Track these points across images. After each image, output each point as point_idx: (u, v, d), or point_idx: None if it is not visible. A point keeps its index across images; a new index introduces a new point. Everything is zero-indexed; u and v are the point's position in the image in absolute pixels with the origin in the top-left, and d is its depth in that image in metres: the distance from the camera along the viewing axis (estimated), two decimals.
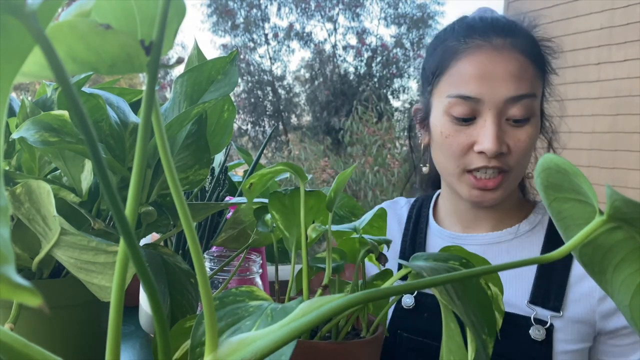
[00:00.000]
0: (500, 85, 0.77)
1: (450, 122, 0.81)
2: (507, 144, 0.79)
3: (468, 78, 0.79)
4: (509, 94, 0.77)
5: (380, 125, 6.02)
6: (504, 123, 0.79)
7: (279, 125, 8.47)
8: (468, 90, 0.79)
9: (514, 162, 0.79)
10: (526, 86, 0.78)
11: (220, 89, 0.51)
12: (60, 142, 0.47)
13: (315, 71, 8.68)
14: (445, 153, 0.83)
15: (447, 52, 0.83)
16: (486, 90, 0.78)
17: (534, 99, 0.79)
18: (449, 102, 0.80)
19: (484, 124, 0.78)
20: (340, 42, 8.79)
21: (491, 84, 0.78)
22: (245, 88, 8.67)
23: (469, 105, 0.79)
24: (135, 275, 0.26)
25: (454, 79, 0.81)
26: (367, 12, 8.76)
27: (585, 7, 3.87)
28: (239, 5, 8.66)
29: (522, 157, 0.80)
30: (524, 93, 0.77)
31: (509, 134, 0.79)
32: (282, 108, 8.88)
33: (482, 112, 0.79)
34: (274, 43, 8.82)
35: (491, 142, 0.77)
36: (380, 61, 8.61)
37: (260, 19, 8.73)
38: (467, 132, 0.80)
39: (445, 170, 0.85)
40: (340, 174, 0.47)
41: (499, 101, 0.77)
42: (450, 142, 0.81)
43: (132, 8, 0.24)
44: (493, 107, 0.78)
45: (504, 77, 0.78)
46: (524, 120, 0.79)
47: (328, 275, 0.47)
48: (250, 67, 8.69)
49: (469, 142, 0.80)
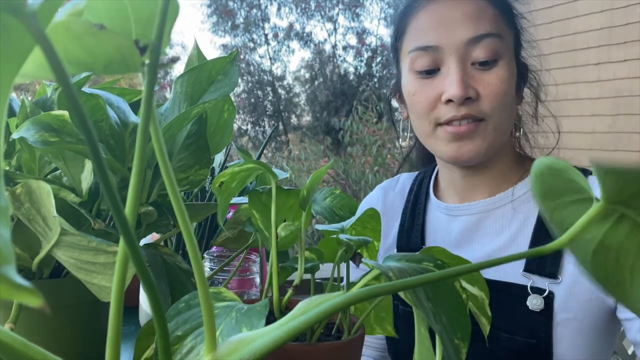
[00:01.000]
0: (458, 28, 0.75)
1: (416, 78, 0.79)
2: (476, 90, 0.75)
3: (425, 28, 0.78)
4: (468, 36, 0.75)
5: (380, 125, 6.01)
6: (469, 68, 0.76)
7: (279, 125, 8.47)
8: (426, 40, 0.77)
9: (487, 109, 0.76)
10: (486, 26, 0.75)
11: (220, 89, 0.51)
12: (61, 142, 0.47)
13: (315, 71, 8.68)
14: (416, 112, 0.81)
15: (405, 12, 0.82)
16: (443, 36, 0.76)
17: (498, 39, 0.76)
18: (411, 57, 0.79)
19: (448, 71, 0.76)
20: (340, 42, 8.79)
21: (448, 29, 0.76)
22: (245, 88, 8.67)
23: (430, 56, 0.77)
24: (135, 275, 0.26)
25: (413, 34, 0.80)
26: (367, 12, 8.76)
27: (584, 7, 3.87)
28: (239, 5, 8.66)
29: (496, 103, 0.76)
30: (484, 32, 0.75)
31: (477, 78, 0.76)
32: (282, 108, 8.88)
33: (445, 60, 0.76)
34: (274, 43, 8.83)
35: (455, 87, 0.74)
36: (380, 61, 8.60)
37: (260, 19, 8.73)
38: (433, 85, 0.77)
39: (422, 133, 0.82)
40: (314, 173, 0.46)
41: (458, 45, 0.75)
42: (417, 98, 0.79)
43: (126, 8, 0.24)
44: (454, 52, 0.75)
45: (461, 19, 0.76)
46: (491, 62, 0.75)
47: (299, 275, 0.46)
48: (250, 67, 8.69)
49: (435, 94, 0.77)
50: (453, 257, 0.43)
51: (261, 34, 8.79)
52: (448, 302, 0.34)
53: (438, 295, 0.34)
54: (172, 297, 0.48)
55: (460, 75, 0.74)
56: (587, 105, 3.91)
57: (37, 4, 0.18)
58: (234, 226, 0.66)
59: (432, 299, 0.33)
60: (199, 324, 0.35)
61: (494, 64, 0.76)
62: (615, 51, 3.69)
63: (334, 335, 0.46)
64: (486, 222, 0.83)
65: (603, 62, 3.79)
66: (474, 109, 0.75)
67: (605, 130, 3.80)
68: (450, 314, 0.34)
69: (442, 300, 0.34)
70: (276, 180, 0.47)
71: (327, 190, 0.63)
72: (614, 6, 3.67)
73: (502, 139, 0.80)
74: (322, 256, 0.50)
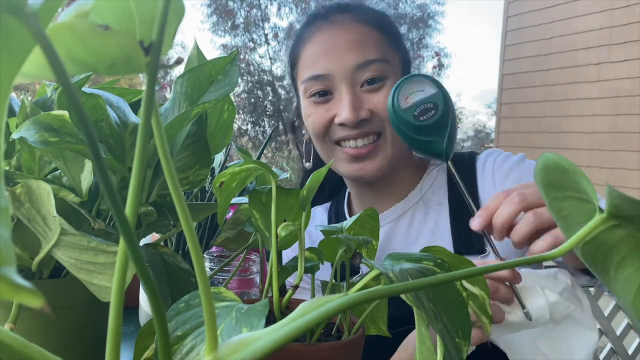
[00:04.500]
0: (345, 56, 0.79)
1: (310, 103, 0.84)
2: (368, 109, 0.79)
3: (315, 58, 0.82)
4: (355, 62, 0.79)
5: None
6: (359, 91, 0.80)
7: (279, 125, 8.47)
8: (317, 69, 0.81)
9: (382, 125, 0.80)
10: (371, 52, 0.79)
11: (220, 89, 0.51)
12: (61, 142, 0.47)
13: None
14: (314, 134, 0.85)
15: (296, 42, 0.87)
16: (333, 64, 0.80)
17: (386, 63, 0.80)
18: (305, 86, 0.83)
19: (340, 96, 0.80)
20: None
21: (336, 57, 0.80)
22: (245, 88, 8.67)
23: (322, 83, 0.81)
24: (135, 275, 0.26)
25: (305, 63, 0.84)
26: None
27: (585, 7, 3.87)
28: (239, 5, 8.66)
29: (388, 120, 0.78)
30: (372, 59, 0.79)
31: (367, 99, 0.80)
32: (282, 108, 8.87)
33: (336, 86, 0.81)
34: (274, 43, 8.82)
35: (347, 111, 0.78)
36: None
37: (260, 19, 8.72)
38: (326, 107, 0.82)
39: (324, 154, 0.86)
40: (314, 173, 0.46)
41: (347, 71, 0.79)
42: (312, 120, 0.84)
43: (131, 8, 0.24)
44: (343, 78, 0.79)
45: (347, 47, 0.79)
46: (379, 81, 0.80)
47: (299, 275, 0.46)
48: (250, 67, 8.69)
49: (329, 116, 0.81)
50: (453, 257, 0.43)
51: (261, 34, 8.79)
52: (449, 302, 0.34)
53: (439, 295, 0.34)
54: (172, 297, 0.48)
55: (351, 100, 0.79)
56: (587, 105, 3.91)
57: (38, 4, 0.18)
58: (234, 226, 0.65)
59: (433, 299, 0.33)
60: (199, 324, 0.35)
61: (381, 82, 0.80)
62: (616, 51, 3.69)
63: (334, 335, 0.46)
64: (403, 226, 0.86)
65: (603, 62, 3.79)
66: (368, 126, 0.80)
67: (606, 130, 3.80)
68: (451, 313, 0.34)
69: (443, 300, 0.34)
70: (276, 180, 0.47)
71: None
72: (614, 6, 3.67)
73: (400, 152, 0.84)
74: (322, 256, 0.50)
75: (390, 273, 0.33)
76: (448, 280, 0.25)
